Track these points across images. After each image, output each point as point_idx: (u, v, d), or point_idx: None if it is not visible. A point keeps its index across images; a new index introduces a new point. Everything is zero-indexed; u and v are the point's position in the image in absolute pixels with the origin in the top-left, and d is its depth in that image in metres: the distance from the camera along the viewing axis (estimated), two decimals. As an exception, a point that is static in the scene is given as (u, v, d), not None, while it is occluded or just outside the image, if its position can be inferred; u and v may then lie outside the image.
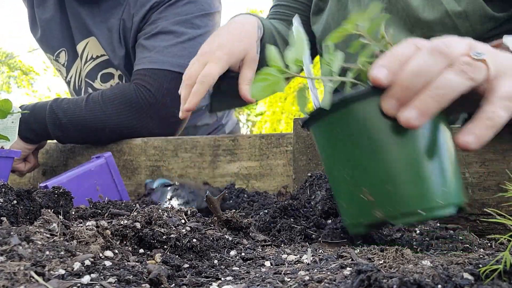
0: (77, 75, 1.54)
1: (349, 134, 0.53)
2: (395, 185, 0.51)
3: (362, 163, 0.53)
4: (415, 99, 0.51)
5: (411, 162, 0.51)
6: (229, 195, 0.91)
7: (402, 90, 0.51)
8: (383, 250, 0.51)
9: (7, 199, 0.62)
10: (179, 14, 1.33)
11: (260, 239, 0.62)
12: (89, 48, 1.47)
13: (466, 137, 0.52)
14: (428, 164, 0.51)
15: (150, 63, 1.28)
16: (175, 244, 0.53)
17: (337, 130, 0.55)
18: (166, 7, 1.33)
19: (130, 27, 1.37)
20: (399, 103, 0.51)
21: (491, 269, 0.34)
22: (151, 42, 1.31)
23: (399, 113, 0.51)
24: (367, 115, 0.52)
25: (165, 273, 0.43)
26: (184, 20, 1.33)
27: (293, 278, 0.43)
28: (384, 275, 0.35)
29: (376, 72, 0.52)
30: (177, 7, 1.33)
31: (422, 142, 0.52)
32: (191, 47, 1.31)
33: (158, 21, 1.33)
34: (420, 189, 0.51)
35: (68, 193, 0.70)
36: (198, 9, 1.35)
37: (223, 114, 1.73)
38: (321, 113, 0.55)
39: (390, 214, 0.51)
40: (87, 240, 0.49)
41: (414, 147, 0.51)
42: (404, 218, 0.51)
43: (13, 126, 0.99)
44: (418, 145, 0.51)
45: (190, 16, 1.33)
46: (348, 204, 0.56)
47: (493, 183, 0.72)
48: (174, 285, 0.43)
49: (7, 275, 0.37)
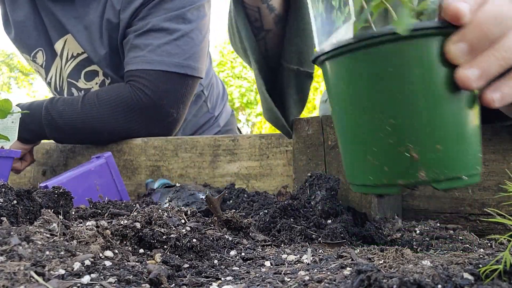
0: (57, 75, 1.50)
1: (399, 75, 0.45)
2: (446, 145, 0.46)
3: (412, 114, 0.46)
4: (480, 57, 0.45)
5: (461, 124, 0.47)
6: (229, 195, 0.91)
7: (478, 35, 0.45)
8: (383, 250, 0.51)
9: (7, 199, 0.62)
10: (170, 10, 1.28)
11: (260, 239, 0.62)
12: (68, 46, 1.42)
13: (494, 94, 0.48)
14: (471, 128, 0.48)
15: (144, 63, 1.26)
16: (175, 244, 0.53)
17: (381, 67, 0.46)
18: (157, 3, 1.29)
19: (117, 24, 1.32)
20: (470, 49, 0.45)
21: (491, 269, 0.34)
22: (143, 41, 1.28)
23: (460, 69, 0.45)
24: (426, 57, 0.45)
25: (165, 273, 0.43)
26: (175, 15, 1.29)
27: (293, 278, 0.43)
28: (384, 275, 0.35)
29: (459, 4, 0.44)
30: (167, 3, 1.29)
31: (468, 104, 0.47)
32: (184, 44, 1.28)
33: (148, 17, 1.28)
34: (466, 154, 0.47)
35: (68, 193, 0.70)
36: (188, 2, 1.31)
37: (214, 104, 1.68)
38: (365, 45, 0.46)
39: (435, 177, 0.46)
40: (87, 240, 0.49)
41: (463, 108, 0.47)
42: (448, 183, 0.47)
43: (13, 126, 0.99)
44: (466, 106, 0.47)
45: (182, 11, 1.29)
46: (380, 159, 0.48)
47: (493, 183, 0.72)
48: (174, 285, 0.43)
49: (7, 275, 0.37)
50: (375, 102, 0.47)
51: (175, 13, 1.29)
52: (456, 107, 0.46)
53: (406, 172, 0.47)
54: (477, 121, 0.49)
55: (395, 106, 0.46)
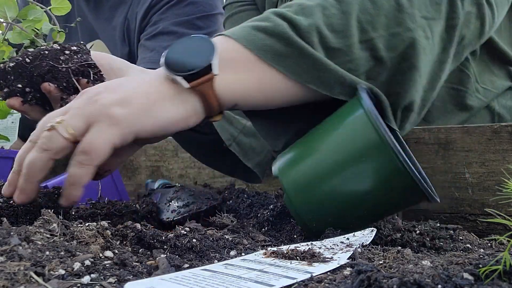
0: None
1: None
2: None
3: None
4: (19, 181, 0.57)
5: None
6: (229, 196, 0.91)
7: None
8: (383, 250, 0.51)
9: (7, 199, 0.62)
10: (180, 15, 1.33)
11: (260, 239, 0.62)
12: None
13: (61, 200, 0.58)
14: None
15: (150, 63, 1.28)
16: (175, 244, 0.53)
17: None
18: (167, 8, 1.33)
19: (134, 27, 1.37)
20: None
21: (491, 269, 0.34)
22: (152, 43, 1.31)
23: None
24: None
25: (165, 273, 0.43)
26: (185, 21, 1.32)
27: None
28: (384, 275, 0.35)
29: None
30: (178, 8, 1.33)
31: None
32: None
33: (159, 22, 1.33)
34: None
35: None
36: (199, 10, 1.34)
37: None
38: None
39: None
40: (87, 240, 0.49)
41: None
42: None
43: (13, 126, 0.99)
44: None
45: (191, 17, 1.33)
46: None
47: (493, 183, 0.72)
48: (174, 285, 0.43)
49: (7, 275, 0.37)
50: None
51: (185, 18, 1.32)
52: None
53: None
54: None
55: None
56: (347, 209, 0.60)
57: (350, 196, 0.59)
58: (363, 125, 0.58)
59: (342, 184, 0.59)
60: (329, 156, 0.60)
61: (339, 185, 0.59)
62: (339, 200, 0.59)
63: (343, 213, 0.60)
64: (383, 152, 0.56)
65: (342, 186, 0.59)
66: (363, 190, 0.59)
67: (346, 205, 0.60)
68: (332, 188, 0.60)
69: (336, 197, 0.59)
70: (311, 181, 0.60)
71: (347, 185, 0.59)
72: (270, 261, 0.46)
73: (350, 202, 0.59)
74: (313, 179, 0.60)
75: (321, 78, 0.61)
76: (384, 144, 0.56)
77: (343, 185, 0.59)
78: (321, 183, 0.60)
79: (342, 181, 0.59)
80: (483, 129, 0.73)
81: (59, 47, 0.67)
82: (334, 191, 0.59)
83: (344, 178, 0.59)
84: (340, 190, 0.59)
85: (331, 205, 0.60)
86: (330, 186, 0.60)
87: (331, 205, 0.60)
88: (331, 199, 0.60)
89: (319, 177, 0.60)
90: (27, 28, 0.70)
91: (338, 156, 0.59)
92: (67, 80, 0.65)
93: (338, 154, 0.60)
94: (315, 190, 0.60)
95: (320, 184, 0.60)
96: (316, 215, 0.60)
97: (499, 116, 0.98)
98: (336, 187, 0.59)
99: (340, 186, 0.59)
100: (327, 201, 0.60)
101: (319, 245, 0.53)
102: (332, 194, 0.60)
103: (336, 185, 0.59)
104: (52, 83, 0.64)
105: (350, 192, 0.59)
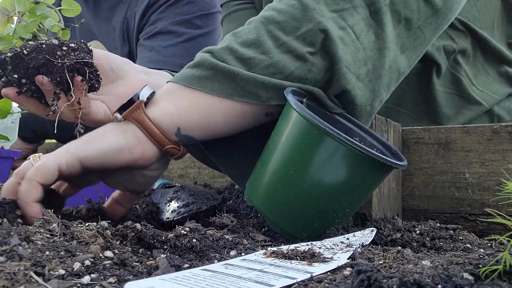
0: None
1: None
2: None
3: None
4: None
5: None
6: (229, 196, 0.91)
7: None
8: (383, 250, 0.51)
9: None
10: (178, 14, 1.33)
11: (260, 239, 0.62)
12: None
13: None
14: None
15: (149, 63, 1.28)
16: (175, 244, 0.53)
17: None
18: (166, 7, 1.33)
19: (133, 27, 1.37)
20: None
21: (491, 269, 0.34)
22: (151, 42, 1.31)
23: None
24: None
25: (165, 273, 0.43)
26: (184, 20, 1.32)
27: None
28: (384, 275, 0.35)
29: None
30: (176, 8, 1.33)
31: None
32: (191, 47, 1.30)
33: (157, 22, 1.33)
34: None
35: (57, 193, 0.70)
36: (198, 9, 1.34)
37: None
38: None
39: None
40: (87, 240, 0.49)
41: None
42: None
43: (13, 126, 0.99)
44: None
45: (190, 16, 1.33)
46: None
47: (493, 183, 0.72)
48: (174, 285, 0.43)
49: (7, 275, 0.37)
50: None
51: (184, 17, 1.32)
52: None
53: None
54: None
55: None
56: (324, 206, 0.60)
57: (318, 192, 0.59)
58: (299, 123, 0.59)
59: (308, 184, 0.59)
60: (284, 163, 0.60)
61: (306, 187, 0.59)
62: (311, 201, 0.60)
63: (322, 211, 0.60)
64: (325, 140, 0.57)
65: (308, 186, 0.59)
66: (328, 183, 0.59)
67: (320, 202, 0.60)
68: (300, 192, 0.60)
69: (306, 199, 0.60)
70: (278, 193, 0.61)
71: (313, 182, 0.59)
72: (270, 261, 0.46)
73: (322, 197, 0.59)
74: (280, 190, 0.61)
75: (242, 89, 0.65)
76: (321, 132, 0.56)
77: (309, 184, 0.59)
78: (288, 191, 0.60)
79: (307, 182, 0.59)
80: (483, 129, 0.73)
81: (58, 42, 0.67)
82: (302, 194, 0.60)
83: (307, 178, 0.59)
84: (308, 190, 0.59)
85: (307, 209, 0.60)
86: (298, 190, 0.60)
87: (307, 208, 0.60)
88: (304, 203, 0.60)
89: (284, 186, 0.60)
90: (32, 22, 0.70)
91: (292, 160, 0.60)
92: (61, 75, 0.65)
93: (290, 158, 0.60)
94: (286, 200, 0.61)
95: (288, 193, 0.60)
96: (299, 224, 0.61)
97: (498, 117, 0.98)
98: (303, 190, 0.60)
99: (307, 186, 0.59)
100: (302, 207, 0.60)
101: (319, 245, 0.53)
102: (302, 198, 0.60)
103: (303, 188, 0.59)
104: (46, 76, 0.65)
105: (318, 188, 0.59)
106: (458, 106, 0.96)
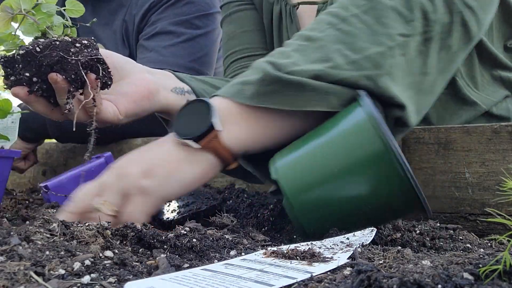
0: None
1: None
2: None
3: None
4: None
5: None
6: (229, 196, 0.91)
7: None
8: (383, 250, 0.51)
9: (7, 199, 0.62)
10: (178, 15, 1.33)
11: (260, 239, 0.62)
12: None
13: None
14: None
15: (149, 63, 1.28)
16: (175, 244, 0.53)
17: None
18: (165, 8, 1.33)
19: (132, 29, 1.37)
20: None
21: (491, 269, 0.34)
22: (150, 43, 1.31)
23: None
24: None
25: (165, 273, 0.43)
26: (183, 20, 1.32)
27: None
28: (384, 275, 0.35)
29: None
30: (176, 8, 1.33)
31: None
32: (190, 47, 1.30)
33: (157, 22, 1.33)
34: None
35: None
36: (197, 10, 1.34)
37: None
38: None
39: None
40: (87, 240, 0.49)
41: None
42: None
43: (13, 126, 0.99)
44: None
45: (189, 17, 1.33)
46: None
47: (493, 183, 0.72)
48: (174, 285, 0.43)
49: (7, 275, 0.37)
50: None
51: (183, 18, 1.32)
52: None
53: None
54: None
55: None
56: (346, 215, 0.60)
57: (350, 201, 0.59)
58: (366, 131, 0.58)
59: (343, 189, 0.59)
60: (331, 161, 0.60)
61: (340, 190, 0.59)
62: (339, 205, 0.59)
63: (342, 218, 0.60)
64: (387, 160, 0.56)
65: (342, 191, 0.59)
66: (363, 196, 0.58)
67: (345, 211, 0.59)
68: (333, 193, 0.59)
69: (336, 202, 0.59)
70: (311, 185, 0.60)
71: (348, 190, 0.59)
72: (270, 261, 0.46)
73: (350, 207, 0.59)
74: (314, 183, 0.60)
75: (313, 97, 0.63)
76: (388, 152, 0.56)
77: (344, 190, 0.59)
78: (321, 187, 0.60)
79: (343, 186, 0.59)
80: (483, 129, 0.73)
81: (70, 39, 0.66)
82: (334, 196, 0.59)
83: (345, 183, 0.59)
84: (341, 195, 0.59)
85: (330, 210, 0.60)
86: (330, 191, 0.59)
87: (330, 210, 0.60)
88: (330, 204, 0.59)
89: (320, 181, 0.60)
90: (40, 20, 0.69)
91: (341, 162, 0.59)
92: (76, 72, 0.64)
93: (341, 159, 0.59)
94: (315, 194, 0.60)
95: (320, 189, 0.60)
96: (315, 219, 0.60)
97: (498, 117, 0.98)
98: (337, 192, 0.59)
99: (341, 191, 0.59)
100: (327, 206, 0.60)
101: (319, 245, 0.53)
102: (332, 199, 0.59)
103: (337, 190, 0.59)
104: (61, 74, 0.64)
105: (351, 198, 0.59)
106: (454, 107, 0.96)
